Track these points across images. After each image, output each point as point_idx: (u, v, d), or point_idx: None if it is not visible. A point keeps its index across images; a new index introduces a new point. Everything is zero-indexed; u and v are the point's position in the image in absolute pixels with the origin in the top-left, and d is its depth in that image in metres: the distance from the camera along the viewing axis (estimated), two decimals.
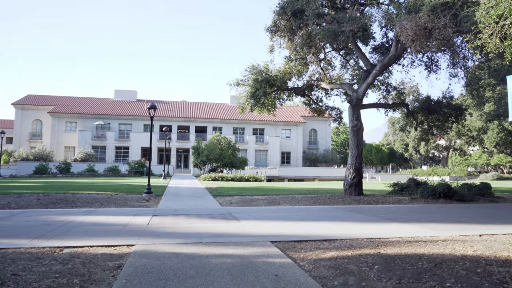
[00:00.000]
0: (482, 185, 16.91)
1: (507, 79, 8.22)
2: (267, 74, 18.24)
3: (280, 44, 18.29)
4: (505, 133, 45.35)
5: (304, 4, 15.68)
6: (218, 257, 5.35)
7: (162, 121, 55.04)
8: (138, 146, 52.74)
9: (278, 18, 16.86)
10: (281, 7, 16.33)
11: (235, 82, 18.90)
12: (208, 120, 57.14)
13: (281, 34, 17.52)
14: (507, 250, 5.74)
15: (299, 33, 16.97)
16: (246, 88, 18.68)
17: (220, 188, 21.13)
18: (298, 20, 16.07)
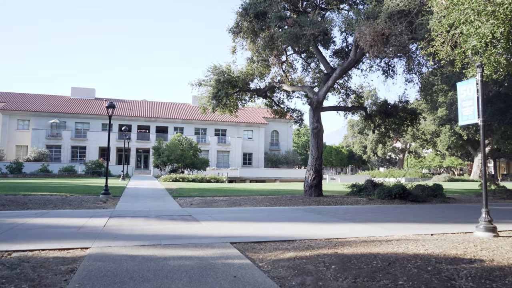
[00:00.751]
0: (434, 186, 17.66)
1: (457, 85, 8.62)
2: (229, 75, 18.21)
3: (242, 45, 18.32)
4: (456, 137, 47.60)
5: (266, 6, 15.80)
6: (176, 259, 5.27)
7: (122, 121, 53.68)
8: (96, 146, 51.18)
9: (240, 20, 16.88)
10: (244, 9, 16.36)
11: (197, 83, 18.74)
12: (169, 120, 56.30)
13: (243, 36, 17.56)
14: (456, 249, 6.02)
15: (261, 35, 17.08)
16: (208, 89, 18.56)
17: (181, 189, 20.87)
18: (261, 22, 16.16)
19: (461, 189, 26.46)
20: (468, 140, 47.73)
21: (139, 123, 55.30)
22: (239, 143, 56.91)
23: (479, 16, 6.72)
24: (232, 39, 18.00)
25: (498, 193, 19.09)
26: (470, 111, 8.22)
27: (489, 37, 6.82)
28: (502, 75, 8.47)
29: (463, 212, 12.20)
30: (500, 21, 6.59)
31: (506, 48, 7.32)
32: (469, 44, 7.11)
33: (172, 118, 56.22)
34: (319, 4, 17.94)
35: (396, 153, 74.90)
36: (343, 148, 75.60)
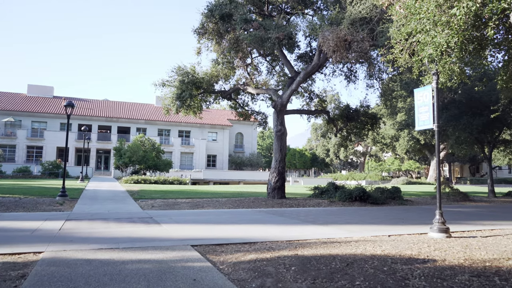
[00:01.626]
0: (393, 189, 18.21)
1: (414, 92, 8.95)
2: (193, 76, 18.07)
3: (207, 46, 18.24)
4: (414, 141, 49.40)
5: (232, 8, 15.81)
6: (135, 263, 5.16)
7: (82, 120, 52.02)
8: (54, 146, 49.29)
9: (206, 21, 16.80)
10: (210, 10, 16.30)
11: (161, 83, 18.46)
12: (131, 121, 55.10)
13: (208, 37, 17.48)
14: (411, 249, 6.24)
15: (226, 37, 17.06)
16: (172, 89, 18.33)
17: (142, 191, 20.46)
18: (226, 24, 16.15)
19: (418, 192, 27.46)
20: (425, 145, 49.64)
21: (100, 123, 53.76)
22: (203, 145, 56.50)
23: (435, 26, 7.01)
24: (197, 40, 17.88)
25: (452, 196, 19.92)
26: (426, 117, 8.55)
27: (444, 47, 7.13)
28: (456, 83, 8.89)
29: (419, 214, 12.64)
30: (454, 32, 6.91)
31: (460, 57, 7.68)
32: (425, 52, 7.40)
33: (135, 119, 55.06)
34: (284, 8, 18.14)
35: (357, 157, 76.76)
36: (307, 151, 76.71)
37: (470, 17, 6.65)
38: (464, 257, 5.68)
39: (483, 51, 8.41)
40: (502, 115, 20.04)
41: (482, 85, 18.33)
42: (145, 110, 59.39)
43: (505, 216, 12.52)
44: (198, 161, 55.95)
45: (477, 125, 21.00)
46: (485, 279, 4.46)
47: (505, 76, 9.45)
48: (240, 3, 16.49)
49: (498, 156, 43.80)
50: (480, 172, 69.10)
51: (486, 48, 8.45)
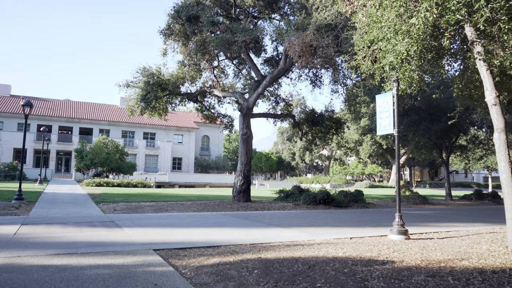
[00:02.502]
0: (356, 192, 18.62)
1: (376, 98, 9.21)
2: (159, 77, 17.83)
3: (174, 48, 18.05)
4: (376, 146, 50.78)
5: (199, 10, 15.73)
6: (94, 268, 5.01)
7: (41, 121, 50.08)
8: (10, 147, 47.18)
9: (172, 22, 16.63)
10: (176, 11, 16.15)
11: (125, 84, 18.09)
12: (94, 122, 53.59)
13: (175, 38, 17.30)
14: (371, 251, 6.39)
15: (193, 38, 16.95)
16: (136, 91, 17.99)
17: (105, 194, 19.93)
18: (193, 26, 16.05)
19: (380, 195, 28.21)
20: (387, 149, 51.12)
21: (60, 124, 51.95)
22: (168, 147, 55.73)
23: (396, 34, 7.25)
24: (163, 41, 17.68)
25: (412, 199, 20.61)
26: (387, 122, 8.81)
27: (404, 55, 7.37)
28: (416, 90, 9.20)
29: (380, 217, 12.99)
30: (414, 40, 7.16)
31: (419, 65, 7.96)
32: (386, 60, 7.63)
33: (98, 120, 53.59)
34: (252, 12, 18.24)
35: (322, 160, 78.03)
36: (273, 154, 77.16)
37: (428, 27, 6.92)
38: (421, 258, 5.87)
39: (440, 60, 8.76)
40: (459, 122, 20.96)
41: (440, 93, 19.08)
42: (108, 111, 57.94)
43: (460, 218, 13.07)
44: (163, 163, 55.11)
45: (435, 131, 21.85)
46: (439, 279, 4.64)
47: (460, 84, 9.88)
48: (207, 5, 16.45)
49: (455, 161, 45.74)
50: (438, 176, 71.89)
51: (443, 57, 8.82)
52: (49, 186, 26.82)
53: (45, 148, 40.00)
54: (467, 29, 6.93)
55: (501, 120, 6.71)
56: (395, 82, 8.49)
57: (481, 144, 26.77)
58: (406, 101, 17.44)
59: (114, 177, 37.14)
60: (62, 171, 51.32)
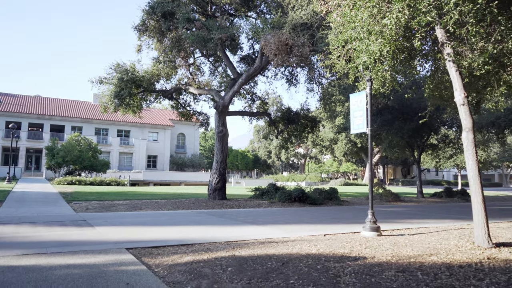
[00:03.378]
0: (330, 190, 18.86)
1: (350, 96, 9.34)
2: (133, 74, 17.54)
3: (148, 44, 17.78)
4: (351, 144, 51.53)
5: (175, 7, 15.55)
6: (63, 268, 4.90)
7: (10, 117, 48.47)
8: None
9: (147, 18, 16.37)
10: (151, 7, 15.90)
11: (98, 80, 17.70)
12: (66, 119, 52.25)
13: (150, 35, 17.05)
14: (344, 247, 6.49)
15: (168, 35, 16.75)
16: (110, 87, 17.64)
17: (77, 193, 19.49)
18: (168, 22, 15.85)
19: (354, 193, 28.66)
20: (361, 148, 51.95)
21: (30, 121, 50.41)
22: (143, 145, 54.95)
23: (369, 35, 7.37)
24: (137, 38, 17.38)
25: (384, 196, 21.02)
26: (360, 121, 8.95)
27: (377, 55, 7.51)
28: (388, 90, 9.38)
29: (353, 214, 13.20)
30: (387, 41, 7.30)
31: (391, 65, 8.12)
32: (360, 59, 7.75)
33: (70, 117, 52.29)
34: (228, 9, 18.17)
35: (298, 158, 78.64)
36: (249, 152, 77.29)
37: (401, 28, 7.07)
38: (392, 254, 6.01)
39: (412, 60, 8.96)
40: (430, 121, 21.50)
41: (412, 93, 19.51)
42: (81, 108, 56.63)
43: (431, 215, 13.43)
44: (138, 161, 54.32)
45: (407, 130, 22.33)
46: (409, 274, 4.75)
47: (431, 85, 10.13)
48: (183, 2, 16.29)
49: (427, 159, 46.94)
50: (411, 174, 73.57)
51: (415, 58, 9.02)
52: (18, 184, 26.03)
53: (14, 146, 38.83)
54: (437, 31, 7.12)
55: (469, 120, 6.92)
56: (368, 81, 8.64)
57: (451, 143, 27.53)
58: (380, 101, 17.76)
59: (87, 176, 36.36)
60: (32, 170, 49.87)
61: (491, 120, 25.87)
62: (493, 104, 11.70)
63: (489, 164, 58.32)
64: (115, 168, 50.69)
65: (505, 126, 25.53)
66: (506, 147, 55.52)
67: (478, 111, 14.47)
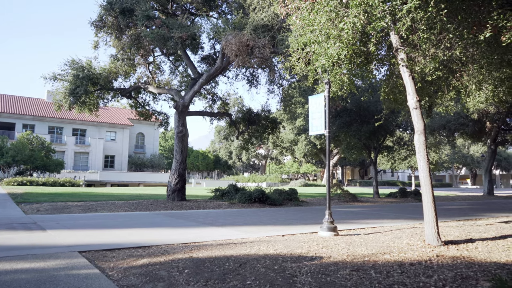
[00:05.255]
0: (290, 190, 19.07)
1: (309, 98, 9.49)
2: (89, 71, 16.97)
3: (106, 41, 17.28)
4: (311, 145, 52.39)
5: (134, 3, 15.20)
6: (9, 273, 4.65)
7: None
8: None
9: (105, 14, 15.90)
10: (109, 3, 15.46)
11: (52, 76, 16.99)
12: (17, 116, 49.77)
13: (107, 31, 16.57)
14: (301, 248, 6.58)
15: (127, 32, 16.36)
16: (64, 84, 16.98)
17: (27, 194, 18.61)
18: (127, 19, 15.48)
19: (314, 193, 29.14)
20: (321, 149, 52.93)
21: None
22: (100, 145, 53.31)
23: (328, 38, 7.51)
24: (94, 34, 16.83)
25: (342, 197, 21.52)
26: (319, 123, 9.11)
27: (335, 58, 7.66)
28: (346, 93, 9.60)
29: (312, 214, 13.41)
30: (344, 45, 7.47)
31: (349, 69, 8.32)
32: (319, 62, 7.88)
33: (21, 114, 49.86)
34: (189, 8, 17.97)
35: (259, 159, 79.04)
36: (210, 153, 76.82)
37: (358, 33, 7.25)
38: (347, 253, 6.15)
39: (369, 64, 9.23)
40: (385, 124, 22.25)
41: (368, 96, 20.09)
42: (34, 105, 54.15)
43: (386, 215, 13.88)
44: (95, 161, 52.63)
45: (365, 132, 22.99)
46: (363, 273, 4.88)
47: (387, 88, 10.48)
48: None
49: (383, 160, 48.50)
50: (368, 175, 75.84)
51: (372, 62, 9.29)
52: None
53: None
54: (392, 36, 7.36)
55: (421, 123, 7.21)
56: (326, 84, 8.80)
57: (406, 145, 28.62)
58: (338, 103, 18.18)
59: (39, 176, 34.85)
60: None
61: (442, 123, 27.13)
62: (444, 108, 12.27)
63: (440, 165, 61.26)
64: (70, 168, 48.89)
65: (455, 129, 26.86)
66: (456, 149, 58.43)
67: (430, 115, 15.11)
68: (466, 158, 65.72)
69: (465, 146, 65.82)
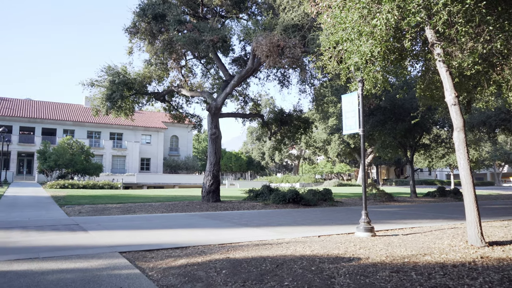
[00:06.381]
0: (324, 191, 18.88)
1: (342, 97, 9.37)
2: (125, 76, 17.46)
3: (140, 46, 17.73)
4: (344, 145, 51.68)
5: (166, 9, 15.52)
6: (56, 273, 4.85)
7: (1, 121, 48.03)
8: None
9: (138, 20, 16.32)
10: (142, 9, 15.86)
11: (89, 83, 17.61)
12: (58, 122, 51.87)
13: (141, 37, 17.00)
14: (338, 248, 6.50)
15: (160, 37, 16.72)
16: (101, 90, 17.56)
17: (69, 197, 19.35)
18: (159, 24, 15.83)
19: (348, 193, 28.74)
20: (355, 148, 52.12)
21: (21, 124, 50.00)
22: (136, 148, 54.71)
23: (360, 36, 7.39)
24: (128, 40, 17.32)
25: (378, 197, 21.10)
26: (352, 122, 8.98)
27: (368, 55, 7.53)
28: (380, 90, 9.42)
29: (347, 215, 13.22)
30: (378, 42, 7.32)
31: (383, 66, 8.15)
32: (351, 60, 7.77)
33: (62, 120, 51.91)
34: (219, 11, 18.16)
35: (292, 160, 78.70)
36: (243, 154, 77.21)
37: (391, 29, 7.10)
38: (386, 254, 6.02)
39: (403, 61, 9.00)
40: (421, 122, 21.64)
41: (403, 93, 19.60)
42: (73, 111, 56.26)
43: (424, 215, 13.49)
44: (131, 164, 54.07)
45: (400, 130, 22.45)
46: (403, 274, 4.76)
47: (422, 85, 10.19)
48: (174, 4, 16.25)
49: (419, 159, 47.21)
50: (404, 174, 73.98)
51: (406, 58, 9.06)
52: (10, 189, 25.78)
53: (5, 150, 38.42)
54: (427, 31, 7.16)
55: (460, 119, 6.96)
56: (360, 82, 8.67)
57: (443, 143, 27.74)
58: (372, 101, 17.82)
59: (80, 179, 36.14)
60: (24, 173, 49.46)
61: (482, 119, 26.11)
62: (484, 104, 11.79)
63: (481, 163, 58.87)
64: (108, 171, 50.43)
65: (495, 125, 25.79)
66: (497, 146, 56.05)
67: (469, 111, 14.56)
68: (508, 155, 62.86)
69: (507, 143, 62.97)
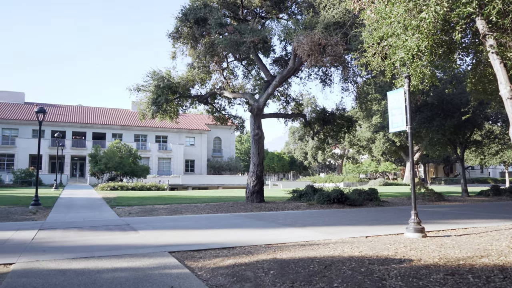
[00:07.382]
0: (370, 190, 18.46)
1: (387, 94, 9.11)
2: (169, 80, 17.93)
3: (182, 51, 18.15)
4: (389, 143, 50.27)
5: (207, 13, 15.78)
6: (110, 272, 5.05)
7: (55, 127, 50.76)
8: (26, 154, 47.95)
9: (180, 25, 16.72)
10: (184, 14, 16.23)
11: (136, 88, 18.24)
12: (107, 126, 54.15)
13: (183, 41, 17.40)
14: (387, 250, 6.32)
15: (202, 41, 17.03)
16: (147, 94, 18.14)
17: (119, 198, 20.12)
18: (201, 28, 16.11)
19: (395, 193, 27.93)
20: (400, 146, 50.58)
21: (74, 129, 52.64)
22: (181, 150, 56.04)
23: (406, 30, 7.17)
24: (172, 44, 17.78)
25: (427, 196, 20.35)
26: (399, 119, 8.71)
27: (415, 50, 7.29)
28: (427, 86, 9.09)
29: (395, 215, 12.85)
30: (424, 36, 7.08)
31: (430, 60, 7.86)
32: (397, 56, 7.56)
33: (110, 124, 54.15)
34: (259, 12, 18.23)
35: (335, 159, 77.59)
36: (285, 154, 77.02)
37: (439, 21, 6.83)
38: (439, 256, 5.79)
39: (452, 54, 8.65)
40: (473, 117, 20.65)
41: (452, 88, 18.80)
42: (120, 115, 58.51)
43: (478, 215, 12.86)
44: (176, 166, 55.44)
45: (449, 126, 21.55)
46: (459, 277, 4.56)
47: (473, 79, 9.74)
48: (214, 7, 16.50)
49: (470, 156, 45.09)
50: (454, 172, 70.92)
51: (455, 51, 8.70)
52: (65, 191, 27.18)
53: (60, 154, 40.61)
54: (478, 22, 6.83)
55: None
56: (406, 78, 8.39)
57: (497, 139, 26.35)
58: (418, 97, 17.22)
59: (128, 181, 37.49)
60: (77, 176, 52.00)
61: None
62: None
63: None
64: (155, 173, 51.99)
65: None
66: None
67: None
68: None
69: None
